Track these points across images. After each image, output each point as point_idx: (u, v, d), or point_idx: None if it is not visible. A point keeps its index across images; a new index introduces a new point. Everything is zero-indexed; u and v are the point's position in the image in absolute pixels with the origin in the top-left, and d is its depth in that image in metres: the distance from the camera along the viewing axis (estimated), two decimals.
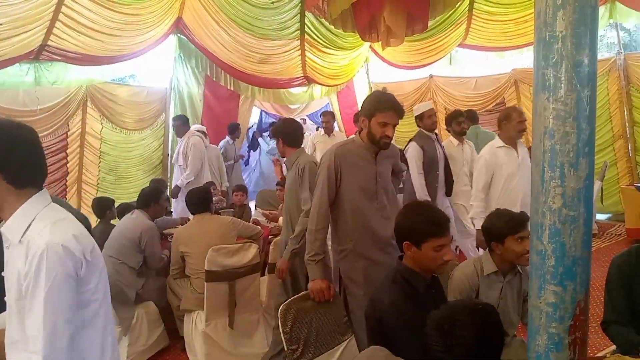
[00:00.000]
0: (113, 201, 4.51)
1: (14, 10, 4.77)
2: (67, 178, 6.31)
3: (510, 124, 3.67)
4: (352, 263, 2.60)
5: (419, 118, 4.46)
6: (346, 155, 2.59)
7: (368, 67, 9.84)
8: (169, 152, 7.35)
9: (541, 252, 1.02)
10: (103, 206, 4.36)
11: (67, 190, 6.33)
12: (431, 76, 9.30)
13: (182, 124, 6.26)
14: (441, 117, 9.68)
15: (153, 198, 3.91)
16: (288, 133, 3.24)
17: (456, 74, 9.36)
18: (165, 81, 7.35)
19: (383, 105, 2.48)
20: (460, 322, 1.33)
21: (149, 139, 7.20)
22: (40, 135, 1.48)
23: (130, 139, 7.00)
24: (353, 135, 2.73)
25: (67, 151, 6.28)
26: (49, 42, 5.24)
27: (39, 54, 5.25)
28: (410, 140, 4.45)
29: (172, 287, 3.81)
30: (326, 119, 7.28)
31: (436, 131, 4.57)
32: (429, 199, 4.07)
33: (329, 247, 2.81)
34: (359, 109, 2.72)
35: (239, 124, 7.77)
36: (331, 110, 9.04)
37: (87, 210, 6.05)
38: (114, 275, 3.40)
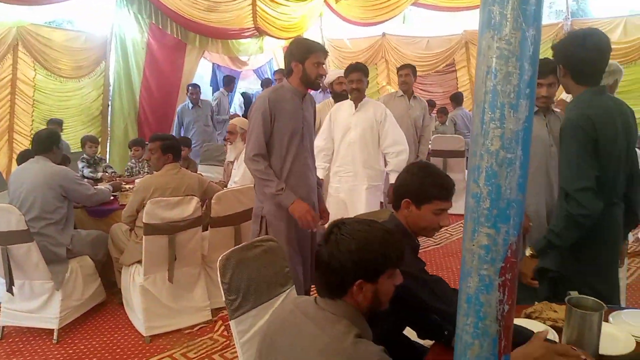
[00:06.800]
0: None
1: None
2: None
3: None
4: (278, 204, 2.76)
5: None
6: (279, 100, 2.75)
7: (322, 22, 9.63)
8: (109, 103, 7.00)
9: (477, 194, 0.99)
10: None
11: None
12: (384, 34, 9.21)
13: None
14: (393, 77, 9.71)
15: (54, 141, 3.54)
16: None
17: (409, 33, 9.32)
18: (106, 27, 6.91)
19: (314, 47, 2.75)
20: (349, 228, 1.33)
21: (87, 88, 6.84)
22: None
23: (67, 88, 6.63)
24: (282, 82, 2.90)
25: None
26: None
27: None
28: None
29: (114, 239, 3.69)
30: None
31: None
32: None
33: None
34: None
35: (235, 77, 7.89)
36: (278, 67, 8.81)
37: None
38: (38, 238, 3.22)
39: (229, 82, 7.72)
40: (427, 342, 1.94)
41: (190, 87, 6.98)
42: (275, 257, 2.31)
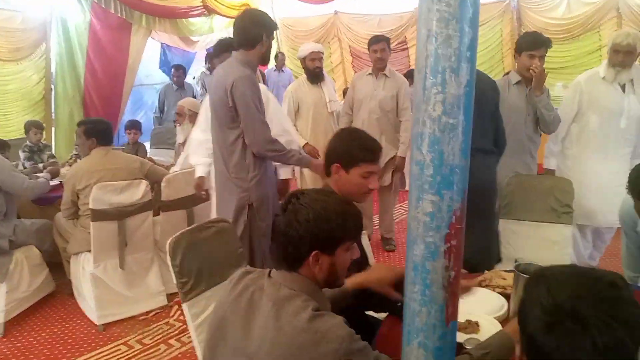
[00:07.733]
0: None
1: None
2: None
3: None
4: (264, 188, 2.70)
5: None
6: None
7: (273, 1, 9.46)
8: (52, 87, 6.67)
9: (420, 162, 0.98)
10: None
11: None
12: (336, 12, 9.13)
13: None
14: (347, 56, 9.68)
15: None
16: None
17: (361, 11, 9.26)
18: (44, 7, 6.54)
19: (275, 24, 2.82)
20: (307, 198, 1.32)
21: (27, 71, 6.45)
22: None
23: (5, 71, 6.24)
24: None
25: None
26: None
27: None
28: None
29: (58, 228, 3.55)
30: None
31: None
32: None
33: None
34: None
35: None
36: None
37: None
38: None
39: (211, 58, 7.46)
40: (381, 315, 1.95)
41: (173, 69, 6.77)
42: (228, 238, 2.27)
